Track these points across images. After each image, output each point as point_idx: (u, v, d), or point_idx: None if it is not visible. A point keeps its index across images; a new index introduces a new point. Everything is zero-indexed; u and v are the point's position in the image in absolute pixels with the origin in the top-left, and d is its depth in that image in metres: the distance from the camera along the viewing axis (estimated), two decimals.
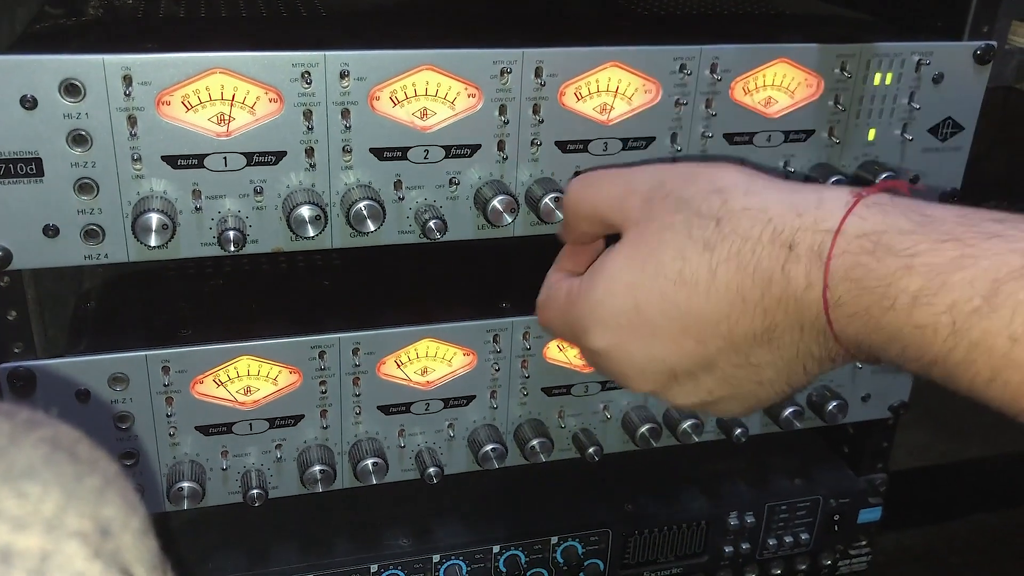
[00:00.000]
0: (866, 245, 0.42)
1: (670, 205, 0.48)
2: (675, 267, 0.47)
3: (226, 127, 0.57)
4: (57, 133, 0.55)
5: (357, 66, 0.58)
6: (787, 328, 0.45)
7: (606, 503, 0.82)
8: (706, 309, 0.47)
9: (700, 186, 0.48)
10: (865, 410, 0.82)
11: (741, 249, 0.45)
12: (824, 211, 0.44)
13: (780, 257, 0.44)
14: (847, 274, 0.42)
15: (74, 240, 0.57)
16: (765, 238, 0.45)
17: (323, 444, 0.69)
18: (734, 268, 0.45)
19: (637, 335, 0.50)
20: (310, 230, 0.59)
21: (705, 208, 0.47)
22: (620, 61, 0.63)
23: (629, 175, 0.53)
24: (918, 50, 0.69)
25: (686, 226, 0.47)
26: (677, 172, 0.50)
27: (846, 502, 0.87)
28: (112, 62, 0.54)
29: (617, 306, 0.50)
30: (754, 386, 0.49)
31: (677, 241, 0.47)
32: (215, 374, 0.65)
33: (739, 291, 0.45)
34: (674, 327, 0.48)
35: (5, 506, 0.21)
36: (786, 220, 0.44)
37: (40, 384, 0.61)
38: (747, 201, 0.46)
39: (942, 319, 0.39)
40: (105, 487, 0.23)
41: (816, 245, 0.43)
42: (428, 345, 0.69)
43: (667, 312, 0.48)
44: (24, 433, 0.24)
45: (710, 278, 0.46)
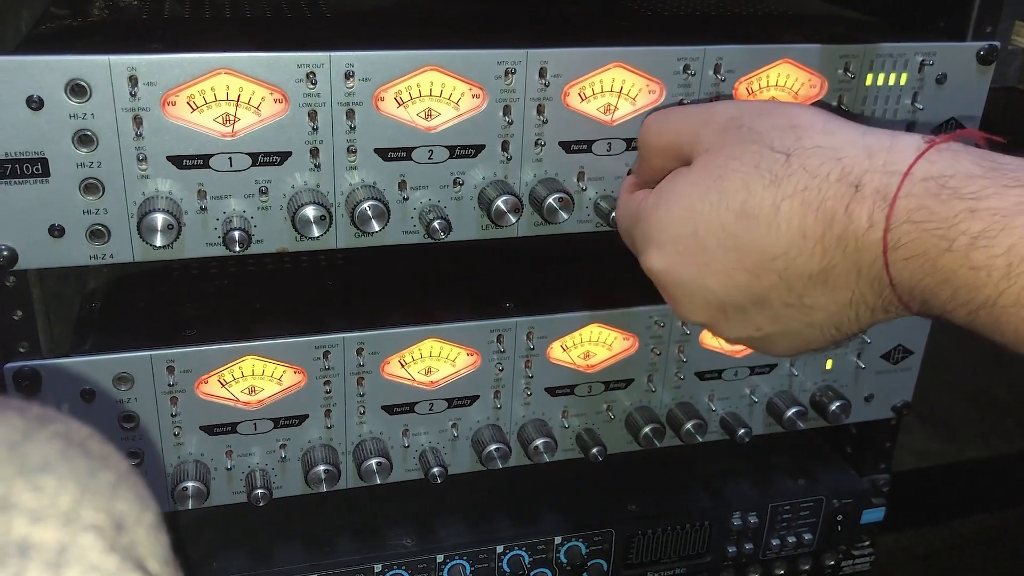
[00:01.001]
0: (932, 188, 0.42)
1: (743, 135, 0.48)
2: (738, 198, 0.47)
3: (231, 127, 0.57)
4: (63, 133, 0.55)
5: (362, 67, 0.58)
6: (844, 271, 0.45)
7: (610, 503, 0.82)
8: (765, 243, 0.46)
9: (775, 120, 0.48)
10: (868, 410, 0.82)
11: (808, 186, 0.45)
12: (895, 154, 0.44)
13: (846, 196, 0.44)
14: (910, 216, 0.42)
15: (80, 240, 0.58)
16: (833, 177, 0.44)
17: (327, 444, 0.69)
18: (798, 204, 0.45)
19: (692, 262, 0.49)
20: (315, 230, 0.59)
21: (778, 142, 0.47)
22: (624, 61, 0.63)
23: (707, 107, 0.53)
24: (921, 50, 0.69)
25: (756, 158, 0.47)
26: (755, 106, 0.50)
27: (849, 502, 0.87)
28: (118, 62, 0.54)
29: (675, 231, 0.50)
30: (803, 327, 0.49)
31: (744, 172, 0.47)
32: (220, 374, 0.65)
33: (800, 228, 0.45)
34: (730, 259, 0.48)
35: (22, 499, 0.21)
36: (856, 160, 0.44)
37: (45, 384, 0.61)
38: (820, 139, 0.46)
39: (998, 261, 0.40)
40: (118, 482, 0.24)
41: (883, 187, 0.43)
42: (432, 345, 0.69)
43: (725, 243, 0.48)
44: (37, 428, 0.24)
45: (773, 212, 0.46)
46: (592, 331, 0.72)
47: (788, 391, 0.79)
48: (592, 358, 0.73)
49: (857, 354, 0.80)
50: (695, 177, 0.49)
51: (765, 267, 0.47)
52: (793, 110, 0.49)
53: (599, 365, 0.73)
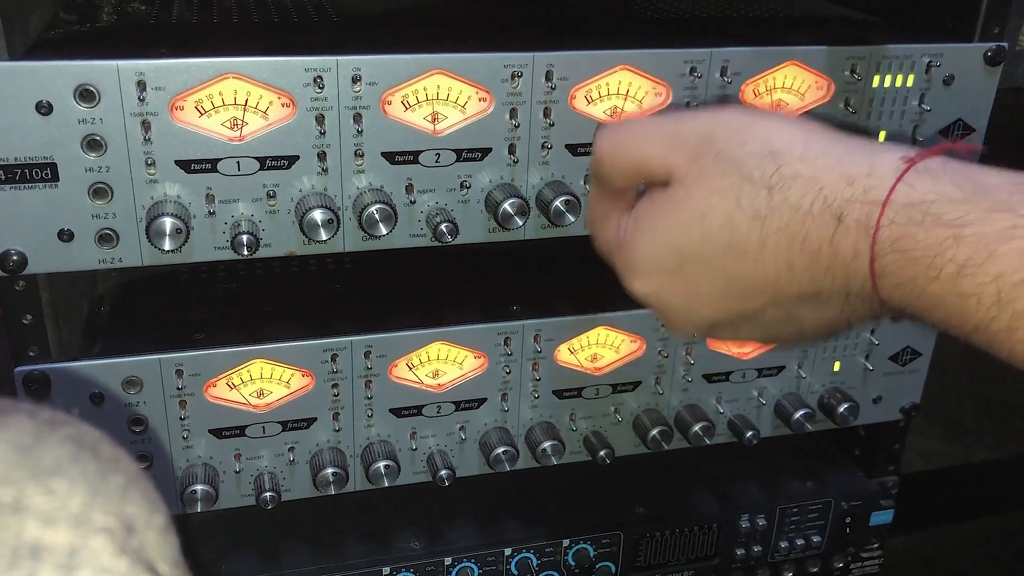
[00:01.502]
0: (914, 215, 0.42)
1: (721, 165, 0.47)
2: (723, 235, 0.47)
3: (239, 132, 0.58)
4: (72, 138, 0.55)
5: (369, 71, 0.58)
6: (833, 292, 0.46)
7: (618, 506, 0.82)
8: (753, 275, 0.47)
9: (752, 147, 0.47)
10: (876, 412, 0.82)
11: (791, 220, 0.45)
12: (874, 179, 0.43)
13: (829, 228, 0.44)
14: (894, 245, 0.42)
15: (89, 244, 0.58)
16: (816, 209, 0.44)
17: (335, 447, 0.69)
18: (784, 239, 0.45)
19: (679, 292, 0.50)
20: (323, 234, 0.59)
21: (757, 174, 0.46)
22: (630, 64, 0.63)
23: (673, 125, 0.51)
24: (928, 52, 0.69)
25: (735, 192, 0.46)
26: (728, 126, 0.49)
27: (858, 504, 0.87)
28: (126, 68, 0.55)
29: (661, 264, 0.50)
30: (794, 332, 0.50)
31: (725, 207, 0.47)
32: (228, 377, 0.65)
33: (787, 260, 0.45)
34: (718, 289, 0.48)
35: (34, 502, 0.22)
36: (837, 190, 0.44)
37: (55, 387, 0.62)
38: (800, 168, 0.45)
39: (987, 289, 0.39)
40: (128, 485, 0.24)
41: (864, 217, 0.43)
42: (439, 348, 0.69)
43: (712, 276, 0.48)
44: (48, 432, 0.24)
45: (759, 248, 0.46)
46: (599, 334, 0.72)
47: (796, 393, 0.79)
48: (599, 360, 0.73)
49: (865, 356, 0.79)
50: (676, 212, 0.49)
51: (755, 294, 0.48)
52: (769, 130, 0.48)
53: (606, 368, 0.73)
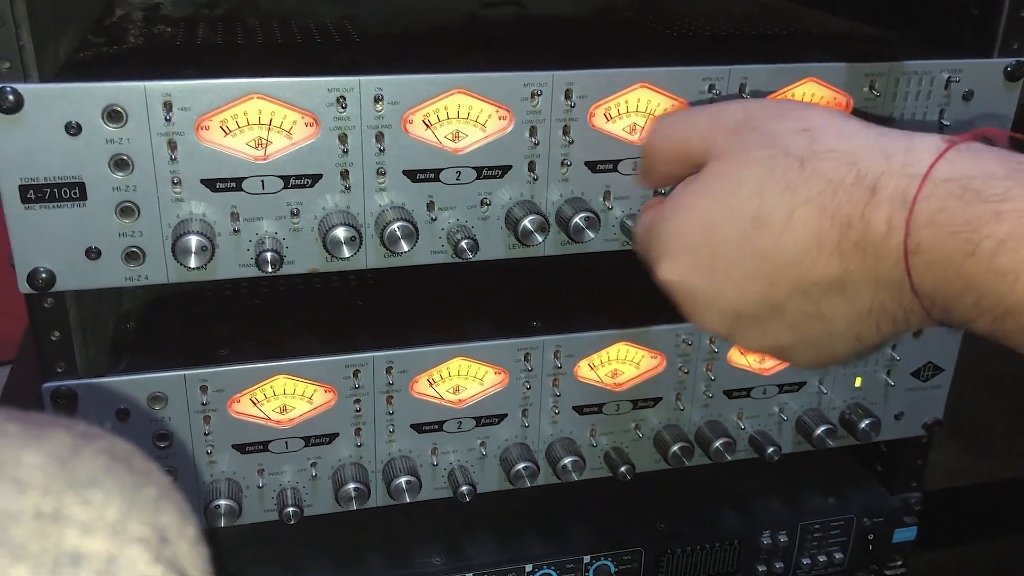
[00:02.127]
0: (954, 189, 0.40)
1: (756, 139, 0.47)
2: (752, 205, 0.46)
3: (263, 151, 0.59)
4: (100, 158, 0.56)
5: (391, 90, 0.59)
6: (862, 278, 0.44)
7: (638, 522, 0.82)
8: (779, 251, 0.45)
9: (789, 123, 0.46)
10: (898, 428, 0.82)
11: (823, 191, 0.43)
12: (914, 156, 0.42)
13: (862, 200, 0.42)
14: (931, 219, 0.41)
15: (115, 262, 0.59)
16: (848, 181, 0.43)
17: (357, 462, 0.69)
18: (813, 211, 0.44)
19: (705, 272, 0.48)
20: (345, 251, 0.60)
21: (792, 146, 0.45)
22: (649, 82, 0.63)
23: (715, 109, 0.51)
24: (947, 67, 0.69)
25: (769, 163, 0.45)
26: (767, 106, 0.49)
27: (880, 521, 0.86)
28: (153, 88, 0.56)
29: (689, 241, 0.49)
30: (823, 336, 0.47)
31: (758, 178, 0.46)
32: (252, 393, 0.66)
33: (816, 235, 0.44)
34: (744, 268, 0.47)
35: (72, 511, 0.22)
36: (872, 163, 0.43)
37: (82, 403, 0.63)
38: (835, 143, 0.44)
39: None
40: (161, 497, 0.24)
41: (901, 189, 0.41)
42: (460, 364, 0.69)
43: (739, 251, 0.47)
44: (84, 444, 0.25)
45: (787, 219, 0.44)
46: (619, 349, 0.72)
47: (817, 409, 0.79)
48: (620, 376, 0.73)
49: (887, 371, 0.79)
50: (708, 185, 0.48)
51: (781, 275, 0.46)
52: (807, 111, 0.48)
53: (627, 383, 0.74)
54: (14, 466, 0.23)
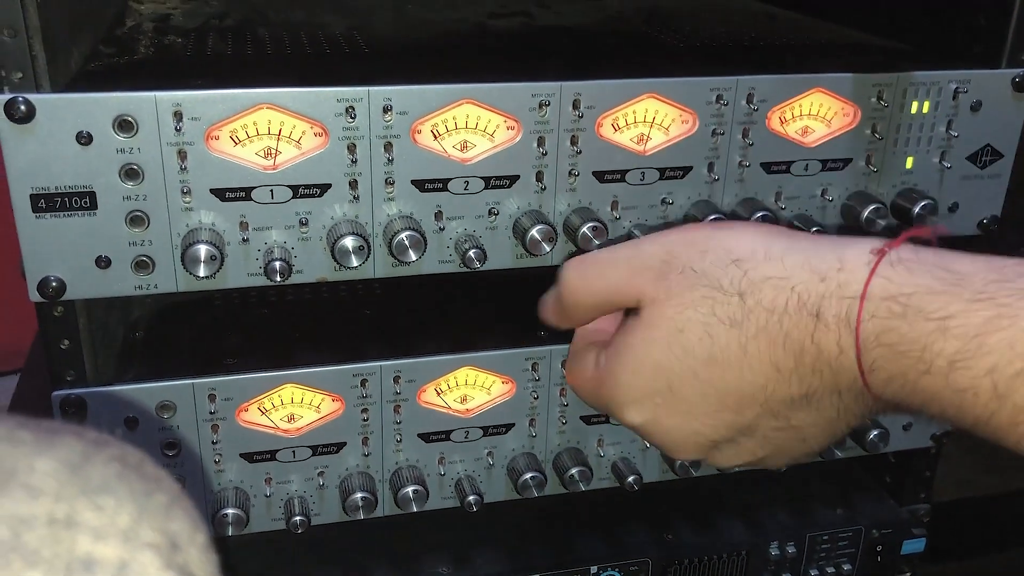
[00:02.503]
0: (895, 308, 0.41)
1: (688, 280, 0.47)
2: (704, 347, 0.46)
3: (273, 161, 0.59)
4: (110, 167, 0.57)
5: (399, 101, 0.59)
6: (825, 392, 0.45)
7: (646, 532, 0.82)
8: (741, 383, 0.46)
9: (715, 256, 0.47)
10: (907, 439, 0.81)
11: (768, 321, 0.45)
12: (846, 274, 0.43)
13: (808, 326, 0.43)
14: (879, 339, 0.41)
15: (125, 271, 0.59)
16: (791, 307, 0.44)
17: (364, 471, 0.69)
18: (765, 342, 0.45)
19: (673, 412, 0.49)
20: (354, 260, 0.60)
21: (726, 282, 0.46)
22: (657, 92, 0.64)
23: (632, 253, 0.51)
24: (955, 78, 0.69)
25: (709, 303, 0.46)
26: (686, 242, 0.49)
27: (889, 532, 0.86)
28: (164, 99, 0.56)
29: (648, 387, 0.49)
30: (797, 443, 0.49)
31: (701, 319, 0.46)
32: (260, 402, 0.66)
33: (772, 362, 0.45)
34: (710, 403, 0.48)
35: (85, 518, 0.23)
36: (809, 287, 0.43)
37: (91, 411, 0.63)
38: (767, 269, 0.45)
39: (982, 383, 0.38)
40: (171, 504, 0.25)
41: (843, 312, 0.42)
42: (468, 373, 0.69)
43: (702, 390, 0.47)
44: (96, 451, 0.25)
45: (741, 354, 0.46)
46: None
47: None
48: None
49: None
50: (652, 333, 0.49)
51: (747, 402, 0.47)
52: (728, 240, 0.48)
53: None
54: (27, 472, 0.23)
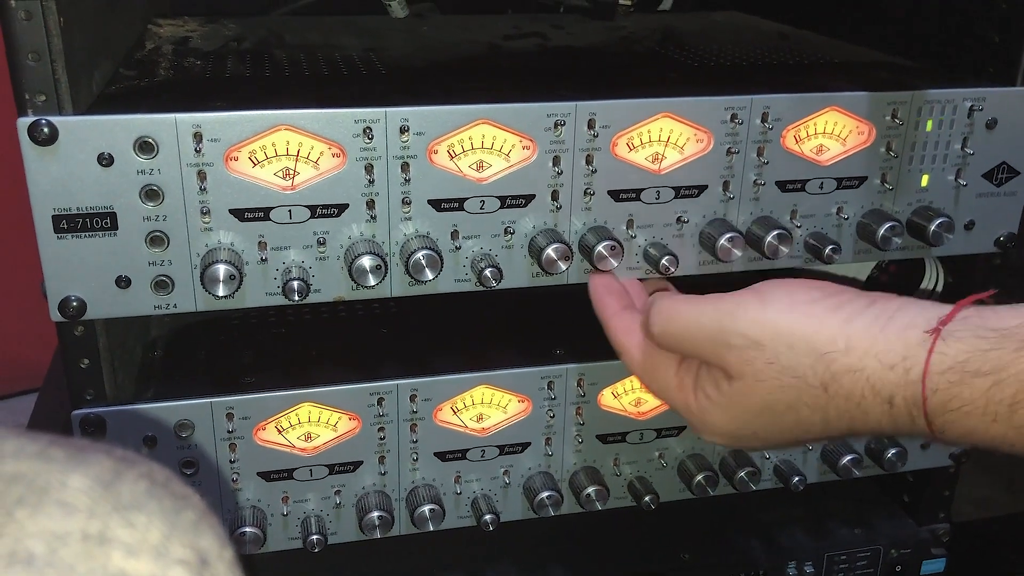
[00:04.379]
0: (952, 379, 0.47)
1: (774, 371, 0.53)
2: (790, 417, 0.54)
3: (291, 181, 0.59)
4: (131, 188, 0.57)
5: (416, 121, 0.60)
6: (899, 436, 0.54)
7: (662, 552, 0.81)
8: (819, 437, 0.55)
9: (801, 351, 0.52)
10: (925, 458, 0.81)
11: (847, 406, 0.51)
12: (909, 360, 0.49)
13: (884, 409, 0.50)
14: (945, 407, 0.48)
15: (145, 291, 0.60)
16: (868, 395, 0.50)
17: (381, 490, 0.70)
18: (845, 421, 0.52)
19: (754, 445, 0.58)
20: (371, 279, 0.60)
21: (811, 377, 0.52)
22: (672, 112, 0.64)
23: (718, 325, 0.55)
24: (970, 96, 0.69)
25: (795, 392, 0.53)
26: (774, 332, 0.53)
27: (908, 552, 0.85)
28: (184, 120, 0.57)
29: (737, 432, 0.57)
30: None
31: (788, 400, 0.53)
32: (277, 421, 0.66)
33: (850, 429, 0.53)
34: (787, 440, 0.57)
35: (117, 534, 0.23)
36: (881, 377, 0.50)
37: (110, 430, 0.63)
38: (846, 361, 0.51)
39: None
40: (199, 520, 0.25)
41: (910, 396, 0.49)
42: (484, 392, 0.69)
43: (782, 436, 0.56)
44: (126, 468, 0.25)
45: (824, 426, 0.53)
46: None
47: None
48: (643, 405, 0.73)
49: None
50: (744, 402, 0.55)
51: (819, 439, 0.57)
52: (812, 333, 0.52)
53: (651, 412, 0.73)
54: (60, 489, 0.23)
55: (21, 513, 0.23)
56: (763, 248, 0.66)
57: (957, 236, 0.72)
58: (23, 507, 0.23)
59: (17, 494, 0.23)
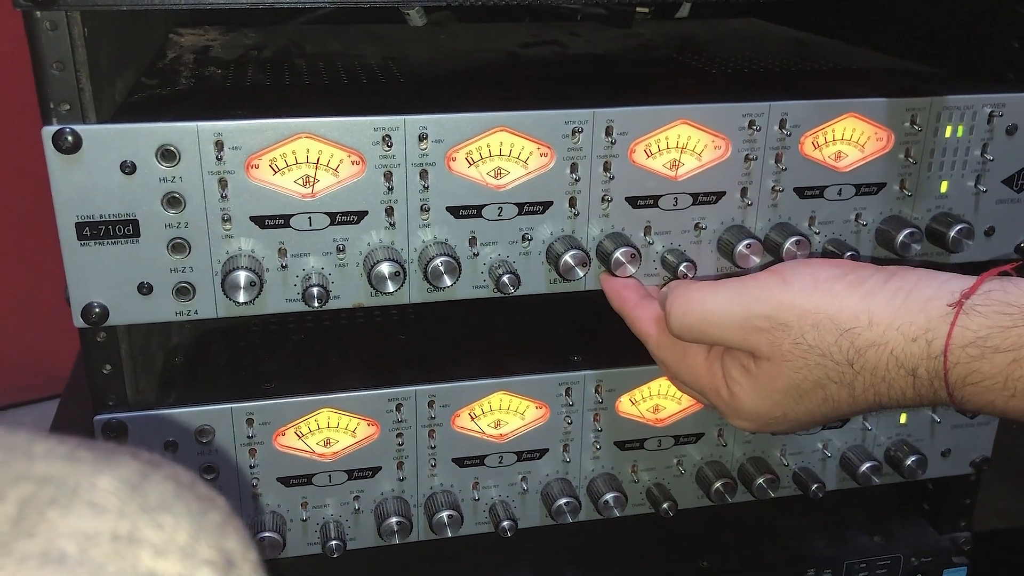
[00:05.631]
0: (973, 353, 0.48)
1: (800, 350, 0.54)
2: (818, 395, 0.55)
3: (311, 188, 0.60)
4: (153, 196, 0.58)
5: (435, 129, 0.60)
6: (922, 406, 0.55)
7: (681, 560, 0.81)
8: (848, 413, 0.56)
9: (826, 330, 0.53)
10: (945, 465, 0.80)
11: (873, 380, 0.52)
12: (932, 332, 0.50)
13: (908, 381, 0.51)
14: (965, 380, 0.49)
15: (166, 297, 0.60)
16: (892, 368, 0.51)
17: (399, 496, 0.70)
18: (871, 393, 0.53)
19: (782, 427, 0.59)
20: (390, 286, 0.61)
21: (837, 353, 0.53)
22: (689, 118, 0.64)
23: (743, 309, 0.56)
24: (990, 102, 0.69)
25: (822, 369, 0.54)
26: (799, 313, 0.54)
27: (928, 561, 0.84)
28: (205, 128, 0.57)
29: (766, 417, 0.58)
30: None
31: (815, 378, 0.54)
32: (296, 426, 0.67)
33: (877, 402, 0.54)
34: (817, 420, 0.57)
35: (146, 534, 0.23)
36: (905, 349, 0.51)
37: (131, 435, 0.64)
38: (869, 336, 0.52)
39: None
40: (225, 522, 0.25)
41: (933, 368, 0.50)
42: (501, 398, 0.70)
43: (811, 415, 0.57)
44: (152, 471, 0.26)
45: (851, 400, 0.54)
46: (661, 384, 0.72)
47: (862, 445, 0.78)
48: (662, 412, 0.73)
49: (932, 408, 0.78)
50: (772, 382, 0.56)
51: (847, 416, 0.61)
52: (835, 311, 0.53)
53: (669, 419, 0.73)
54: (89, 490, 0.24)
55: (53, 513, 0.23)
56: (781, 254, 0.66)
57: (977, 242, 0.71)
58: (54, 507, 0.23)
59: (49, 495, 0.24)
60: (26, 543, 0.22)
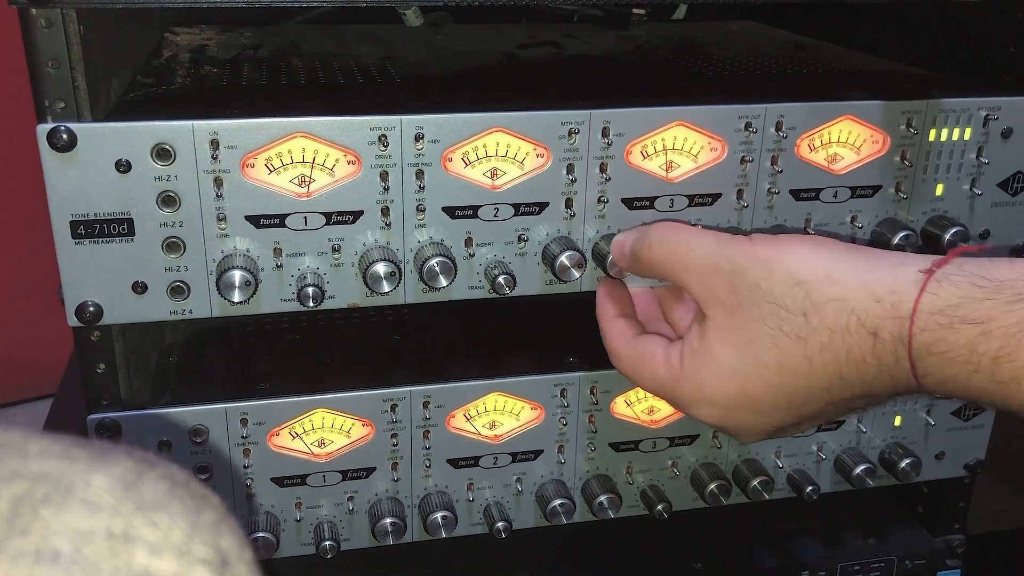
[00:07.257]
0: (942, 321, 0.47)
1: (755, 296, 0.53)
2: (772, 356, 0.53)
3: (307, 188, 0.60)
4: (148, 195, 0.58)
5: (431, 129, 0.60)
6: (883, 390, 0.51)
7: (675, 561, 0.81)
8: (808, 387, 0.53)
9: (780, 277, 0.52)
10: (939, 468, 0.81)
11: (831, 339, 0.50)
12: (899, 295, 0.48)
13: (868, 344, 0.49)
14: (929, 349, 0.47)
15: (161, 296, 0.60)
16: (852, 327, 0.50)
17: (394, 496, 0.70)
18: (828, 356, 0.51)
19: (745, 411, 0.56)
20: (385, 286, 0.61)
21: (790, 302, 0.52)
22: (686, 120, 0.64)
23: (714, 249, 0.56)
24: (985, 105, 0.69)
25: (775, 319, 0.52)
26: (756, 259, 0.54)
27: (922, 563, 0.85)
28: (201, 127, 0.57)
29: (724, 390, 0.56)
30: (846, 412, 0.55)
31: (769, 332, 0.52)
32: (291, 426, 0.66)
33: (836, 371, 0.51)
34: (779, 403, 0.54)
35: (141, 532, 0.23)
36: (867, 308, 0.49)
37: (125, 434, 0.64)
38: (828, 291, 0.51)
39: (1022, 372, 0.44)
40: (220, 521, 0.25)
41: (897, 330, 0.48)
42: (496, 399, 0.70)
43: (772, 394, 0.54)
44: (147, 469, 0.26)
45: (807, 365, 0.52)
46: None
47: (856, 448, 0.78)
48: (656, 413, 0.73)
49: (927, 410, 0.78)
50: (727, 337, 0.55)
51: (813, 400, 0.53)
52: (793, 261, 0.53)
53: (664, 420, 0.73)
54: (84, 488, 0.24)
55: (47, 511, 0.23)
56: None
57: (972, 245, 0.71)
58: (49, 505, 0.23)
59: (43, 492, 0.23)
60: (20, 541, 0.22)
